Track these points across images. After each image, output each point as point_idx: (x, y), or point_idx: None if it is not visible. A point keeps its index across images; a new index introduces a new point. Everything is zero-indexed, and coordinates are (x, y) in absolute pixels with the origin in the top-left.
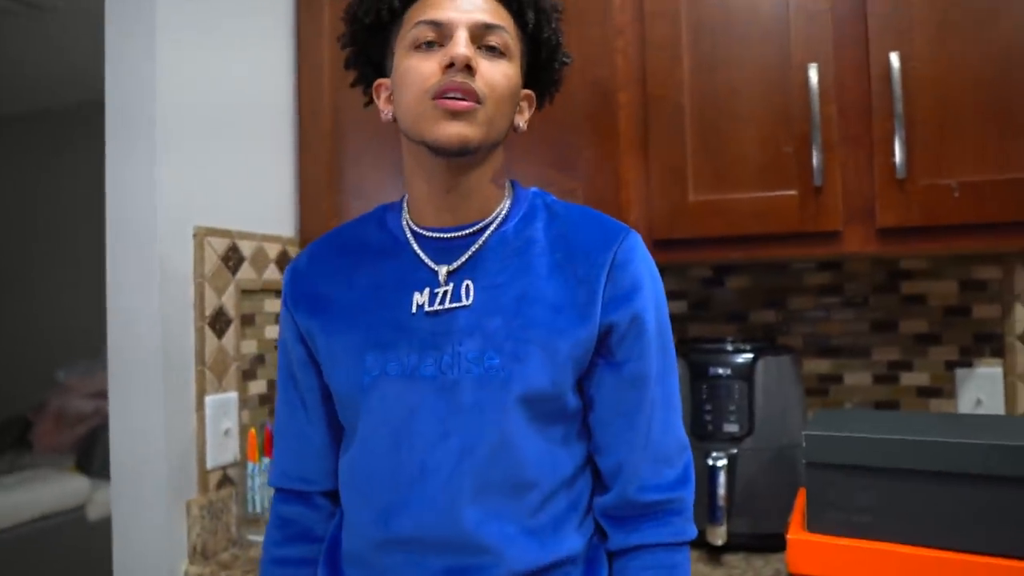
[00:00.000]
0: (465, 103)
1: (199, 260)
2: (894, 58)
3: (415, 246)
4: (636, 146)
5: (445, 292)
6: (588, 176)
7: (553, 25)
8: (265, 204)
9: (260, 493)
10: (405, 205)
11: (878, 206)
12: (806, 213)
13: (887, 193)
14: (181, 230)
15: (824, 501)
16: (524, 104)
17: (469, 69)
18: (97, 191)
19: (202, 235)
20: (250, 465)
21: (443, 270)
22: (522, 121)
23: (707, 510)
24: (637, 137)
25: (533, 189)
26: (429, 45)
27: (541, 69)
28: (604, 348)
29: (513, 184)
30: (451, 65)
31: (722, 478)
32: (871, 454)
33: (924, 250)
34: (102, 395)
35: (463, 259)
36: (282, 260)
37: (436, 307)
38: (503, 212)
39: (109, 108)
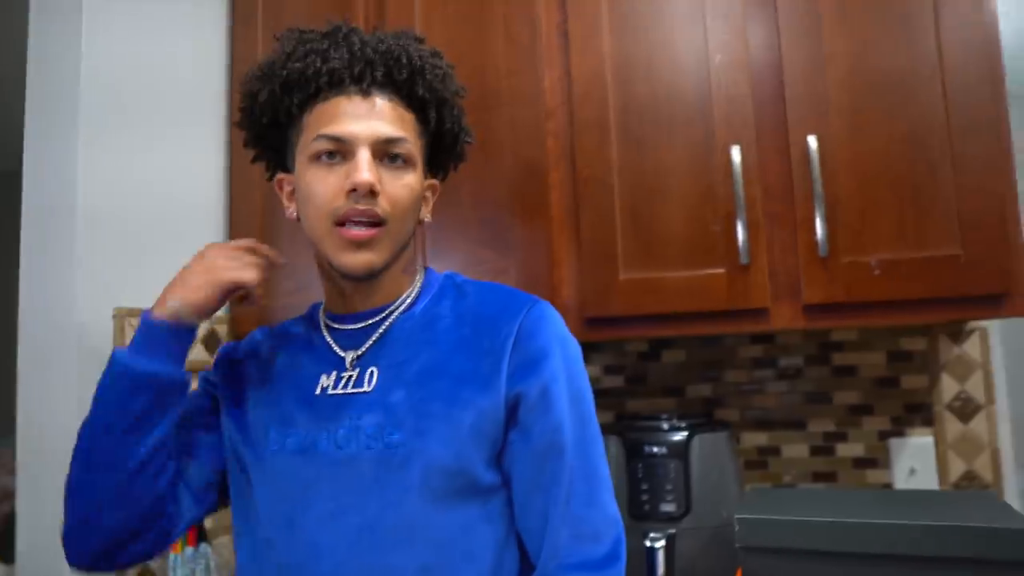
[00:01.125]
0: (368, 232)
1: (119, 342)
2: (812, 140)
3: (327, 336)
4: (567, 225)
5: (350, 377)
6: (520, 255)
7: (455, 113)
8: None
9: None
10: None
11: (803, 283)
12: (734, 291)
13: (811, 271)
14: (100, 310)
15: None
16: (428, 195)
17: (373, 194)
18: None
19: (123, 316)
20: (172, 556)
21: (350, 356)
22: (427, 213)
23: None
24: (568, 216)
25: (446, 272)
26: (331, 156)
27: (444, 151)
28: (515, 421)
29: (427, 270)
30: (354, 190)
31: (661, 558)
32: (804, 537)
33: (850, 325)
34: None
35: (369, 344)
36: (209, 340)
37: (339, 391)
38: (412, 295)
39: (27, 182)
